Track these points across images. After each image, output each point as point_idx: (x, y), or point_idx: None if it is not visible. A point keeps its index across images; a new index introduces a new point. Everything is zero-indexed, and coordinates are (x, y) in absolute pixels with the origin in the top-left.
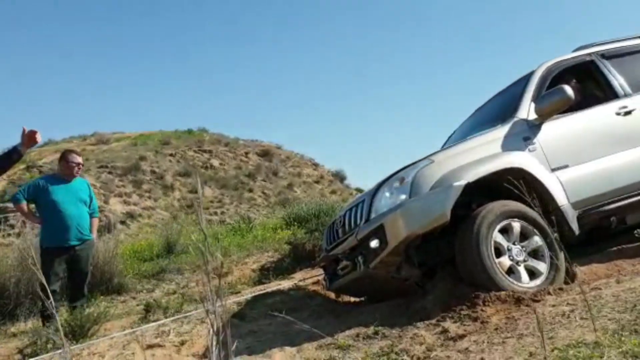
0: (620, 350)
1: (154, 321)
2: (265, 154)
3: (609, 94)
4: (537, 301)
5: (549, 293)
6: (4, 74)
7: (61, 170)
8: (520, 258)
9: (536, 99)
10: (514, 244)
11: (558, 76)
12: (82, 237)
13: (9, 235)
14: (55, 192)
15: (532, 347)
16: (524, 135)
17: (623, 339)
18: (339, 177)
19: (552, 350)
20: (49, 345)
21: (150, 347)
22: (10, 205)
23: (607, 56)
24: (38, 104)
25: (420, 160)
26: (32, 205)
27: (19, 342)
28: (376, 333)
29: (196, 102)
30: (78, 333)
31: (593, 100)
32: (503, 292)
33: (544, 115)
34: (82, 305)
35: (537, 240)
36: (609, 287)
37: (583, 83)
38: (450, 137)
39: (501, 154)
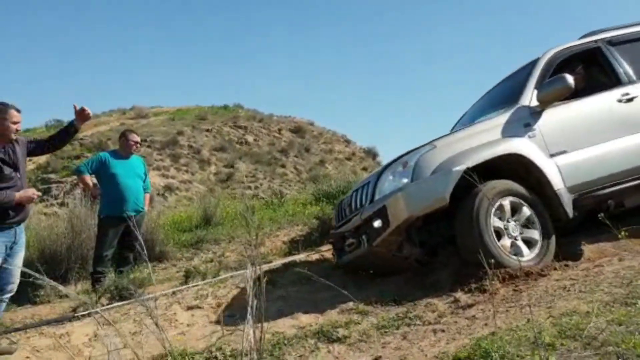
0: (607, 319)
1: (194, 286)
2: (298, 130)
3: (613, 80)
4: (544, 276)
5: (555, 269)
6: (51, 50)
7: (121, 147)
8: (517, 233)
9: (539, 85)
10: (507, 221)
11: (564, 63)
12: (137, 208)
13: (52, 205)
14: (115, 167)
15: (532, 315)
16: (525, 122)
17: (613, 309)
18: (371, 153)
19: (548, 318)
20: (99, 305)
21: (190, 308)
22: (53, 176)
23: (614, 43)
24: (81, 78)
25: (423, 146)
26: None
27: (71, 302)
28: (393, 301)
29: (233, 78)
30: (124, 295)
31: (598, 87)
32: (512, 267)
33: (545, 103)
34: (128, 271)
35: (526, 210)
36: (611, 265)
37: (589, 70)
38: (460, 119)
39: (501, 140)
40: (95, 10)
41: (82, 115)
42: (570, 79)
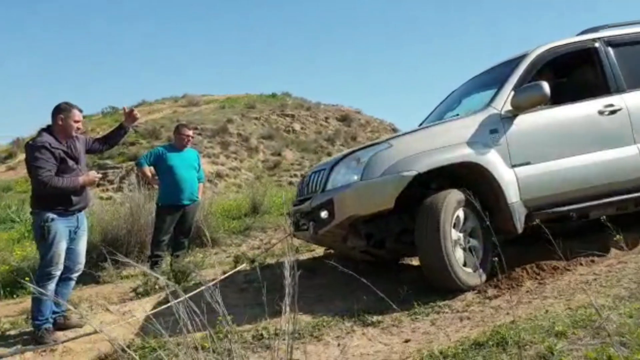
0: (619, 312)
1: (242, 271)
2: (345, 118)
3: (601, 87)
4: (569, 270)
5: (580, 264)
6: (108, 40)
7: (175, 141)
8: (465, 243)
9: (517, 88)
10: (459, 232)
11: (553, 62)
12: (192, 197)
13: (107, 190)
14: (171, 159)
15: (551, 307)
16: (492, 128)
17: (627, 303)
18: None
19: (565, 309)
20: (157, 286)
21: (241, 291)
22: (109, 162)
23: (614, 44)
24: (135, 67)
25: (379, 143)
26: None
27: (131, 283)
28: (425, 290)
29: (282, 66)
30: (179, 277)
31: (583, 92)
32: (542, 262)
33: (518, 108)
34: (182, 255)
35: (474, 221)
36: (636, 262)
37: (579, 70)
38: (432, 112)
39: (460, 145)
40: (149, 2)
41: (130, 117)
42: (546, 88)
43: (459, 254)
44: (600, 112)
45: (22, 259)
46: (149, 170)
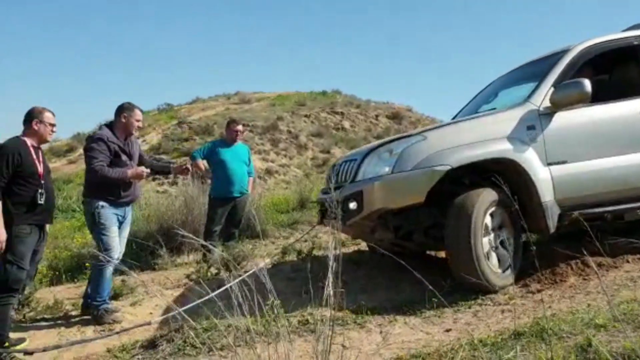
0: None
1: (290, 262)
2: (395, 116)
3: None
4: (615, 267)
5: (627, 261)
6: (165, 39)
7: (226, 135)
8: (495, 243)
9: (557, 84)
10: (490, 232)
11: (596, 58)
12: (242, 190)
13: (163, 184)
14: (223, 154)
15: (594, 301)
16: (529, 124)
17: None
18: None
19: (608, 304)
20: (209, 273)
21: (289, 280)
22: (164, 157)
23: None
24: (189, 65)
25: (413, 135)
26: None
27: (185, 270)
28: (470, 284)
29: (332, 64)
30: (231, 266)
31: (625, 91)
32: (587, 258)
33: (557, 105)
34: (233, 245)
35: (506, 220)
36: None
37: (622, 68)
38: (466, 105)
39: (495, 140)
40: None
41: (182, 171)
42: (587, 86)
43: (488, 254)
44: None
45: (82, 245)
46: (202, 163)
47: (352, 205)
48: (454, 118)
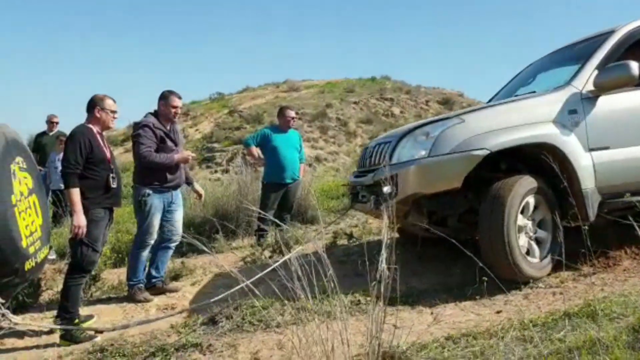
0: None
1: (341, 246)
2: (446, 102)
3: None
4: None
5: None
6: (216, 32)
7: (280, 122)
8: (532, 232)
9: (602, 67)
10: (527, 219)
11: None
12: (294, 176)
13: (215, 172)
14: (276, 140)
15: None
16: (571, 108)
17: None
18: None
19: None
20: (262, 256)
21: (340, 262)
22: (216, 145)
23: None
24: (240, 55)
25: (451, 118)
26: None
27: (240, 253)
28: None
29: (381, 50)
30: (282, 250)
31: None
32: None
33: (601, 89)
34: (285, 229)
35: (544, 209)
36: None
37: None
38: (503, 87)
39: (535, 124)
40: None
41: (197, 194)
42: (635, 69)
43: (523, 243)
44: None
45: None
46: (255, 150)
47: (387, 189)
48: (489, 101)
